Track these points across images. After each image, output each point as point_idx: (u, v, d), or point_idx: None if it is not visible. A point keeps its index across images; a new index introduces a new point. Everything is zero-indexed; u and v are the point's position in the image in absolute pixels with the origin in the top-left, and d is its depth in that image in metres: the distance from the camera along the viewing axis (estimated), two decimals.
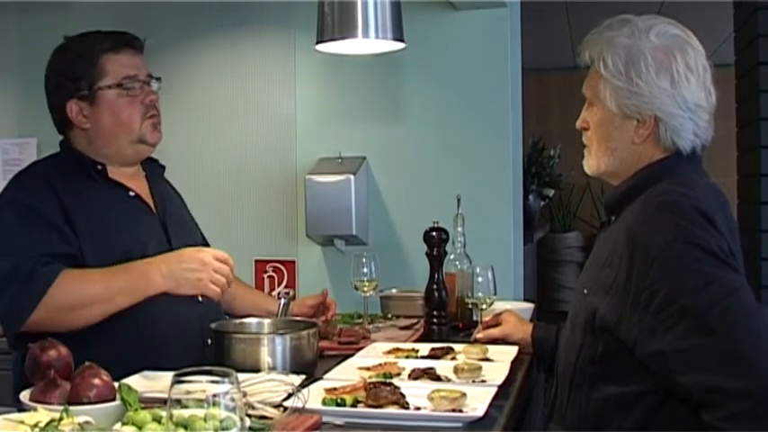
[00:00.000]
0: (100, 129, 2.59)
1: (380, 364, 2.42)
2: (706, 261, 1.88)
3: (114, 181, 2.63)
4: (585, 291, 2.13)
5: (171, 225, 2.70)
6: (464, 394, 2.01)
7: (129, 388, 1.84)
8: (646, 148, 2.14)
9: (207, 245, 2.97)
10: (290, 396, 2.01)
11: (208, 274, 2.46)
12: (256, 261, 4.27)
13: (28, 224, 2.43)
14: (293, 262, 4.24)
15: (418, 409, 2.01)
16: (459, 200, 3.35)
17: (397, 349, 2.67)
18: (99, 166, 2.60)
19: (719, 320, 1.83)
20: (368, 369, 2.38)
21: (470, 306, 3.03)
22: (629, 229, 2.00)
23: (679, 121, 2.09)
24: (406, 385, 2.10)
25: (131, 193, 2.65)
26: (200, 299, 2.57)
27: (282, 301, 2.64)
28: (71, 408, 1.71)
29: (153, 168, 2.78)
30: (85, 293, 2.39)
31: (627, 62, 2.09)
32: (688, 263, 1.89)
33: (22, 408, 1.85)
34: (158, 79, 2.70)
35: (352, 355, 2.57)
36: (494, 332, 2.79)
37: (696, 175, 2.11)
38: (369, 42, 2.83)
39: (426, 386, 2.13)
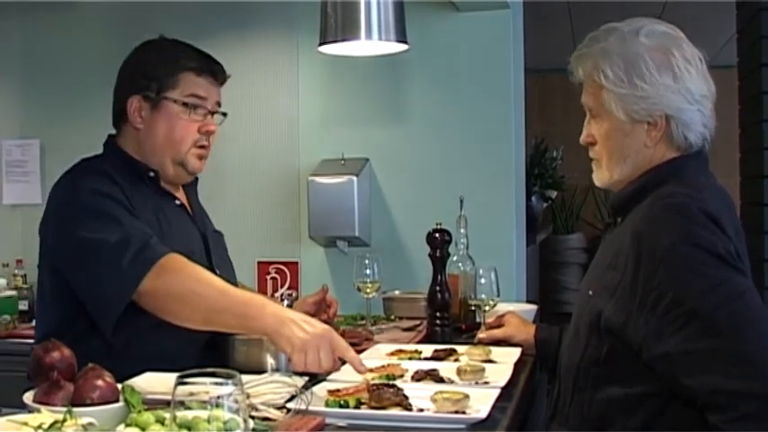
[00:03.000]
0: (151, 135, 2.56)
1: (383, 366, 2.42)
2: (712, 264, 1.88)
3: (163, 189, 2.63)
4: (590, 292, 2.12)
5: (209, 235, 2.73)
6: (467, 396, 2.01)
7: (133, 389, 1.84)
8: (658, 149, 2.13)
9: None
10: (293, 398, 2.01)
11: (310, 344, 2.11)
12: (259, 262, 4.27)
13: (116, 207, 2.38)
14: (296, 263, 4.25)
15: (421, 410, 2.01)
16: (461, 201, 3.34)
17: (400, 351, 2.67)
18: (152, 173, 2.58)
19: (726, 323, 1.83)
20: (371, 370, 2.38)
21: (473, 308, 3.02)
22: (635, 230, 2.00)
23: (688, 114, 2.09)
24: (409, 387, 2.11)
25: (177, 202, 2.66)
26: None
27: (285, 302, 2.64)
28: (74, 409, 1.71)
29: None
30: (198, 289, 2.24)
31: (626, 68, 2.09)
32: (694, 265, 1.88)
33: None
34: (224, 114, 2.70)
35: None
36: (497, 333, 2.79)
37: (703, 177, 2.11)
38: (372, 44, 2.84)
39: (429, 388, 2.13)
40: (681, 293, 1.87)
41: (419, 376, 2.30)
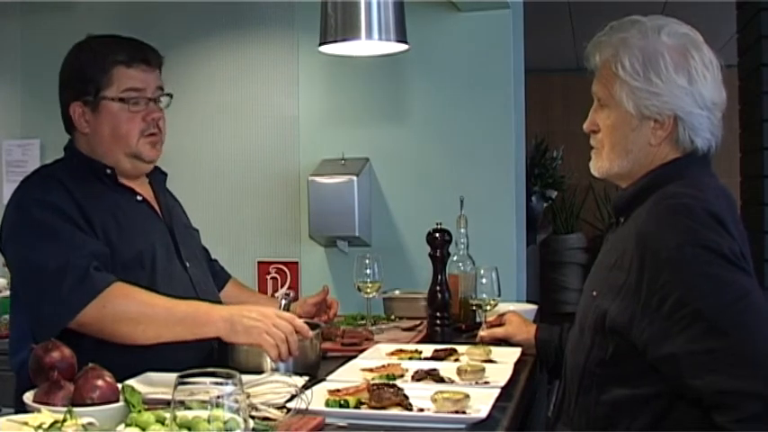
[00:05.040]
0: (98, 137, 2.58)
1: (383, 366, 2.42)
2: (718, 264, 1.88)
3: (123, 185, 2.63)
4: (594, 292, 2.12)
5: (177, 230, 2.71)
6: (467, 396, 2.01)
7: (133, 389, 1.84)
8: (662, 149, 2.12)
9: (206, 250, 2.98)
10: (293, 397, 2.01)
11: (265, 324, 2.30)
12: (259, 262, 4.27)
13: (60, 221, 2.41)
14: (296, 263, 4.24)
15: (421, 410, 2.01)
16: (462, 201, 3.34)
17: (400, 351, 2.68)
18: (108, 170, 2.59)
19: (732, 323, 1.83)
20: (371, 370, 2.38)
21: (474, 307, 3.02)
22: (639, 231, 1.99)
23: (698, 119, 2.08)
24: (409, 387, 2.11)
25: (139, 198, 2.65)
26: None
27: (283, 302, 2.64)
28: (74, 409, 1.71)
29: (155, 175, 2.78)
30: (147, 311, 2.35)
31: (644, 62, 2.07)
32: (700, 266, 1.88)
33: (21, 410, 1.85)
34: (170, 95, 2.68)
35: (355, 357, 2.57)
36: (498, 331, 2.79)
37: (707, 178, 2.10)
38: (372, 44, 2.83)
39: (429, 387, 2.13)
40: (686, 294, 1.87)
41: (419, 376, 2.30)
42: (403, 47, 2.92)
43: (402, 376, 2.34)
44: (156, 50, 2.66)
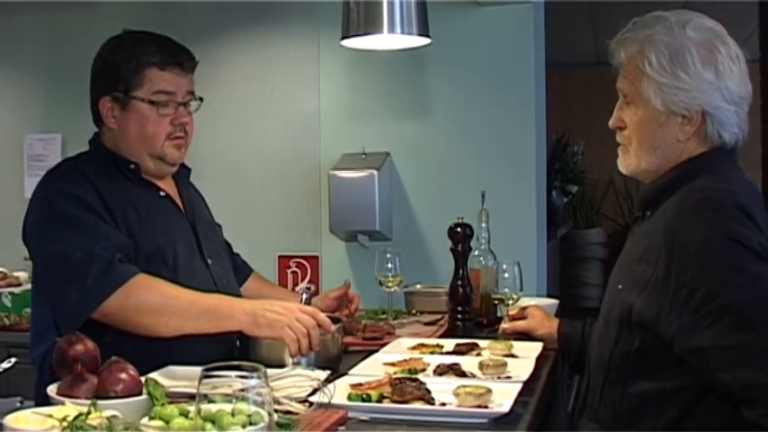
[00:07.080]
0: (124, 134, 2.58)
1: (405, 360, 2.42)
2: (747, 258, 1.87)
3: (146, 180, 2.63)
4: (620, 286, 2.11)
5: (199, 226, 2.71)
6: (490, 390, 2.00)
7: (156, 382, 1.85)
8: (689, 144, 2.11)
9: (228, 245, 2.99)
10: (315, 391, 2.01)
11: (287, 318, 2.28)
12: (280, 257, 4.28)
13: (85, 212, 2.42)
14: (317, 257, 4.25)
15: (444, 404, 2.01)
16: (483, 196, 3.34)
17: (422, 345, 2.67)
18: (132, 165, 2.59)
19: (761, 317, 1.82)
20: (393, 365, 2.38)
21: (496, 302, 3.02)
22: (667, 224, 1.99)
23: (726, 114, 2.07)
24: (431, 381, 2.10)
25: (162, 193, 2.66)
26: None
27: (304, 296, 2.64)
28: (98, 402, 1.71)
29: (179, 170, 2.77)
30: (170, 302, 2.35)
31: (671, 58, 2.06)
32: (729, 259, 1.87)
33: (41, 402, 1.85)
34: (200, 99, 2.68)
35: (376, 351, 2.57)
36: (520, 324, 2.79)
37: (734, 172, 2.09)
38: (394, 38, 2.84)
39: (452, 382, 2.13)
40: (715, 288, 1.86)
41: (441, 370, 2.30)
42: (425, 41, 2.92)
43: (424, 370, 2.33)
44: (190, 54, 2.65)
